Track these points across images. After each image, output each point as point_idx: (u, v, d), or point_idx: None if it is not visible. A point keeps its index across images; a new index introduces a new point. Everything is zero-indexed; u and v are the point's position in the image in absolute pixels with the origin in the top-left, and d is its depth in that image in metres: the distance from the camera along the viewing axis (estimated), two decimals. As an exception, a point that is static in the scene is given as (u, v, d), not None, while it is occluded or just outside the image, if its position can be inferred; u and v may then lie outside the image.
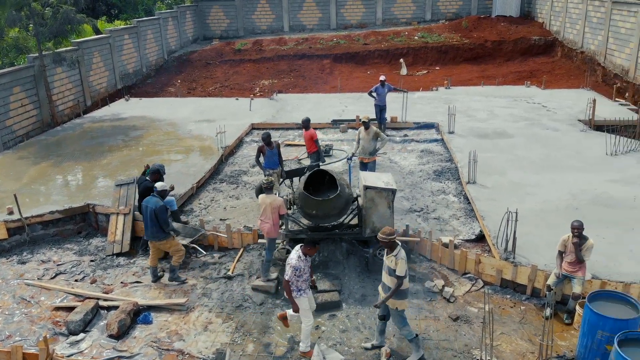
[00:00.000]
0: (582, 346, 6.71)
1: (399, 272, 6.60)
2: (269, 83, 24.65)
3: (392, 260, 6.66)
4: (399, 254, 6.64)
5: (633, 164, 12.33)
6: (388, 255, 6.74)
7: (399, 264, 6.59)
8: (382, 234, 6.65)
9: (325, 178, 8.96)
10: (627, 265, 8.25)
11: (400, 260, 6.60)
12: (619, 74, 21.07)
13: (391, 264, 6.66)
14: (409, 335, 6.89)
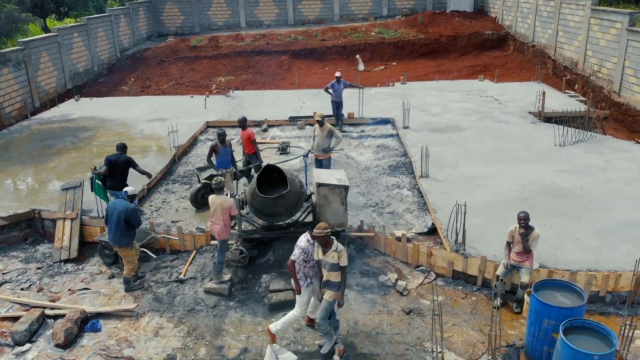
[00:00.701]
0: (530, 335, 6.87)
1: (343, 263, 6.66)
2: (226, 80, 24.32)
3: (333, 255, 6.63)
4: (338, 247, 6.66)
5: (580, 154, 12.73)
6: (327, 252, 6.67)
7: (342, 255, 6.63)
8: (317, 229, 6.57)
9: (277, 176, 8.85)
10: (573, 254, 8.49)
11: (342, 252, 6.65)
12: (568, 66, 21.76)
13: (333, 259, 6.63)
14: (323, 330, 6.91)
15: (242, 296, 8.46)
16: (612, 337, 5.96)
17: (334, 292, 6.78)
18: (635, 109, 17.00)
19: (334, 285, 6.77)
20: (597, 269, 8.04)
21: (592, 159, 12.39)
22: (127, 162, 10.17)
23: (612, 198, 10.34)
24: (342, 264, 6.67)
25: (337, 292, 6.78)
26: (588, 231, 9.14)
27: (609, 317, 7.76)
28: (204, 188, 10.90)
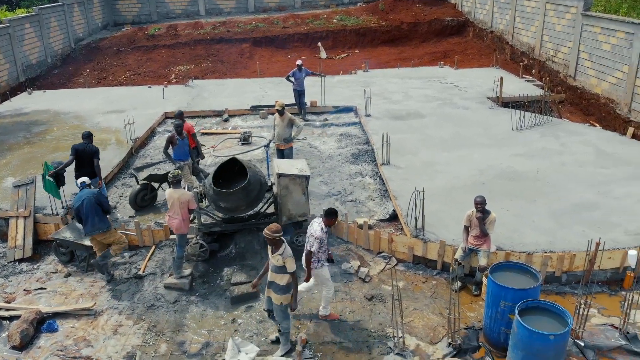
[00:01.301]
0: (488, 317, 7.00)
1: (290, 269, 6.48)
2: (185, 69, 23.82)
3: (278, 259, 6.46)
4: (285, 252, 6.46)
5: (536, 138, 13.04)
6: (274, 253, 6.53)
7: (287, 262, 6.44)
8: (268, 230, 6.40)
9: (237, 167, 8.73)
10: (529, 236, 8.71)
11: (288, 258, 6.45)
12: (525, 51, 22.19)
13: (278, 262, 6.48)
14: (285, 329, 6.81)
15: (204, 290, 8.35)
16: (567, 316, 6.14)
17: (280, 295, 6.60)
18: (590, 93, 17.49)
19: (279, 288, 6.59)
20: (553, 250, 8.27)
21: (548, 143, 12.71)
22: (94, 152, 9.96)
23: (567, 180, 10.64)
24: (289, 270, 6.48)
25: (283, 296, 6.61)
26: (543, 213, 9.39)
27: (564, 296, 8.01)
28: (144, 189, 10.44)
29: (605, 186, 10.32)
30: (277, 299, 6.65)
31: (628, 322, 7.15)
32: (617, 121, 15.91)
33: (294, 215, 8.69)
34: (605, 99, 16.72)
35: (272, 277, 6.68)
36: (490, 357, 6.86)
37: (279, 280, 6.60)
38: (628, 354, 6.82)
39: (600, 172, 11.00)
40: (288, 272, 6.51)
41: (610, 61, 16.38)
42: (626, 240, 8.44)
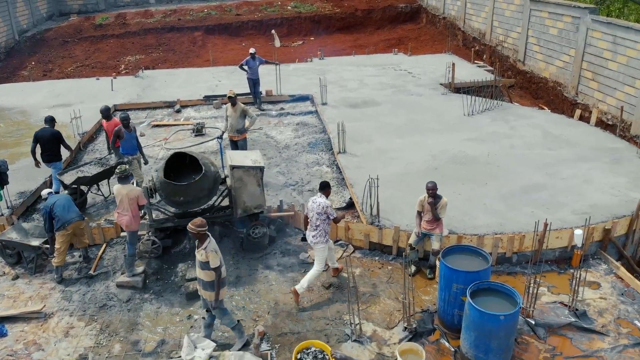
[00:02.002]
0: (442, 299, 7.15)
1: (213, 265, 6.29)
2: (135, 59, 23.12)
3: (202, 253, 6.30)
4: (208, 246, 6.29)
5: (487, 123, 13.33)
6: (198, 248, 6.37)
7: (210, 256, 6.26)
8: (192, 224, 6.24)
9: (189, 160, 8.53)
10: (481, 219, 8.92)
11: (211, 253, 6.27)
12: (477, 37, 22.62)
13: (202, 258, 6.31)
14: (230, 324, 6.72)
15: (158, 287, 8.17)
16: (516, 296, 6.32)
17: (209, 292, 6.45)
18: (539, 76, 18.02)
19: (206, 284, 6.45)
20: (503, 232, 8.50)
21: (498, 127, 13.02)
22: (54, 136, 10.25)
23: (516, 163, 10.94)
24: (212, 266, 6.29)
25: (209, 293, 6.46)
26: (494, 196, 9.63)
27: (515, 276, 8.26)
28: (73, 194, 9.74)
29: (552, 168, 10.67)
30: (210, 295, 6.49)
31: (577, 300, 7.42)
32: (565, 104, 16.47)
33: (249, 208, 8.59)
34: (553, 82, 17.26)
35: (198, 274, 6.51)
36: (445, 339, 7.01)
37: (205, 276, 6.41)
38: (577, 330, 7.08)
39: (547, 154, 11.36)
40: (211, 267, 6.32)
41: (557, 45, 16.89)
42: (573, 219, 8.75)
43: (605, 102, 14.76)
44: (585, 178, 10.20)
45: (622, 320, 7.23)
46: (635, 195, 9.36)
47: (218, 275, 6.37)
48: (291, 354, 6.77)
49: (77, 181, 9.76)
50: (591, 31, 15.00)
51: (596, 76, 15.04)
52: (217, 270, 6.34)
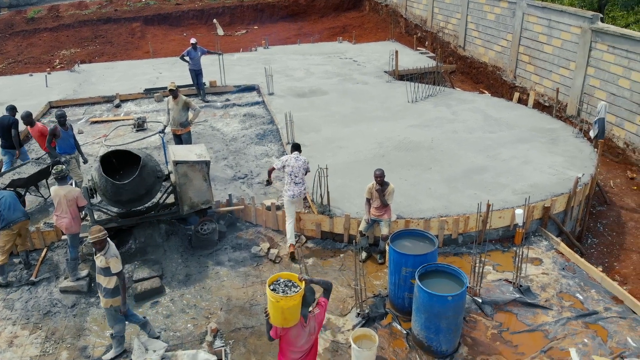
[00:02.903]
0: (392, 283, 7.29)
1: (115, 270, 6.17)
2: (71, 53, 22.09)
3: (101, 259, 6.16)
4: (108, 252, 6.17)
5: (430, 109, 13.61)
6: (97, 254, 6.23)
7: (111, 262, 6.14)
8: (91, 234, 6.10)
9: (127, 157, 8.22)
10: (426, 203, 9.13)
11: (112, 259, 6.15)
12: (418, 24, 22.97)
13: (102, 264, 6.16)
14: (118, 333, 6.59)
15: (105, 290, 7.90)
16: (463, 277, 6.53)
17: (108, 299, 6.33)
18: (479, 61, 18.55)
19: (107, 291, 6.31)
20: (448, 214, 8.74)
21: (441, 112, 13.32)
22: (11, 123, 10.27)
23: (459, 147, 11.24)
24: (113, 271, 6.16)
25: (112, 299, 6.33)
26: (438, 180, 9.87)
27: (462, 256, 8.52)
28: None
29: (493, 150, 11.04)
30: (106, 302, 6.35)
31: (520, 276, 7.75)
32: (504, 87, 17.06)
33: (196, 204, 8.42)
34: (492, 66, 17.81)
35: (99, 280, 6.34)
36: (397, 322, 7.16)
37: (106, 283, 6.26)
38: (522, 305, 7.39)
39: (488, 136, 11.74)
40: (113, 273, 6.18)
41: (495, 30, 17.42)
42: (514, 199, 9.10)
43: (542, 84, 15.39)
44: (525, 159, 10.62)
45: (564, 294, 7.60)
46: (571, 174, 9.83)
47: (122, 280, 6.24)
48: (245, 348, 6.75)
49: (11, 184, 9.20)
50: (527, 16, 15.56)
51: (533, 60, 15.64)
52: (120, 275, 6.22)
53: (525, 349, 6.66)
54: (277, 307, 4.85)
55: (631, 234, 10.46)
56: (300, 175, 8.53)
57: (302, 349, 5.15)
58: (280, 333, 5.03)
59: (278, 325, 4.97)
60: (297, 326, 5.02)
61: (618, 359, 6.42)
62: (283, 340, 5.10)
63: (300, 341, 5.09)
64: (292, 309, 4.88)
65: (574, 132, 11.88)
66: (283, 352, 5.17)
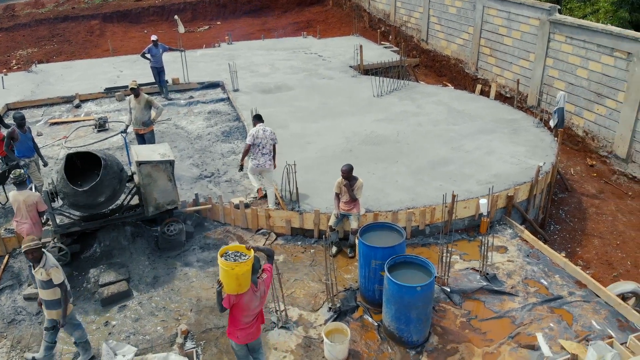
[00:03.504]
0: (362, 276, 7.34)
1: (57, 281, 5.90)
2: (28, 53, 21.34)
3: (41, 272, 5.88)
4: (47, 263, 5.91)
5: (395, 102, 13.73)
6: (35, 268, 5.97)
7: (52, 273, 5.86)
8: (23, 244, 5.88)
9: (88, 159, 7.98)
10: (394, 195, 9.22)
11: (52, 269, 5.88)
12: (382, 18, 23.14)
13: (42, 277, 5.89)
14: (80, 339, 6.41)
15: (70, 296, 7.69)
16: (431, 267, 6.62)
17: (55, 310, 6.11)
18: (442, 55, 18.82)
19: (49, 303, 6.08)
20: (415, 206, 8.84)
21: (406, 106, 13.45)
22: None
23: (424, 140, 11.38)
24: (56, 282, 5.89)
25: (59, 310, 6.10)
26: (405, 173, 9.98)
27: (430, 247, 8.64)
28: None
29: (457, 142, 11.22)
30: (57, 314, 6.14)
31: (487, 264, 7.92)
32: (466, 80, 17.37)
33: (161, 205, 8.26)
34: (455, 59, 18.10)
35: (42, 295, 6.07)
36: (368, 314, 7.22)
37: (50, 295, 6.02)
38: (489, 293, 7.55)
39: (452, 128, 11.93)
40: (55, 284, 5.92)
41: (457, 24, 17.69)
42: (478, 189, 9.27)
43: (503, 76, 15.74)
44: (488, 149, 10.83)
45: (530, 280, 7.80)
46: (533, 163, 10.08)
47: (64, 291, 6.01)
48: (217, 349, 6.69)
49: None
50: (487, 9, 15.86)
51: (494, 52, 15.96)
52: (62, 286, 5.99)
53: (493, 335, 6.81)
54: (231, 274, 5.17)
55: (592, 220, 10.83)
56: (268, 147, 8.92)
57: (254, 312, 5.56)
58: (233, 302, 5.34)
59: (233, 292, 5.28)
60: (249, 292, 5.38)
61: (583, 342, 6.62)
62: (235, 308, 5.42)
63: (253, 305, 5.47)
64: (246, 274, 5.25)
65: (534, 122, 12.19)
66: (235, 319, 5.51)
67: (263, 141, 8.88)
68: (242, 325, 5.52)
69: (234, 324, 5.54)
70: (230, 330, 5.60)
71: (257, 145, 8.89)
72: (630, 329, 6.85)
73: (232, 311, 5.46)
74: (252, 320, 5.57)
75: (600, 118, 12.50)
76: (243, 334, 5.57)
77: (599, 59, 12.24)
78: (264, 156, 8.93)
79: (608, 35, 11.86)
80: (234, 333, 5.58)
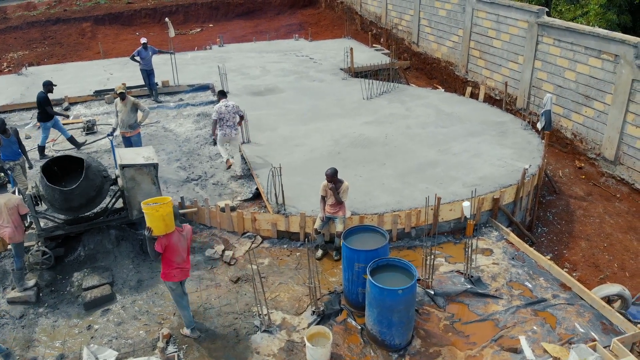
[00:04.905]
0: (346, 280, 7.32)
1: None
2: (19, 56, 21.27)
3: None
4: None
5: (384, 105, 13.74)
6: None
7: None
8: None
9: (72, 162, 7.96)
10: (380, 198, 9.21)
11: None
12: (373, 21, 23.18)
13: None
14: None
15: (53, 300, 7.64)
16: (413, 270, 6.62)
17: None
18: (432, 57, 18.87)
19: None
20: (401, 209, 8.84)
21: (395, 108, 13.46)
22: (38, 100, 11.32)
23: (412, 142, 11.39)
24: None
25: None
26: (392, 175, 9.98)
27: (415, 250, 8.62)
28: None
29: (444, 144, 11.24)
30: None
31: (471, 267, 7.92)
32: (457, 82, 17.41)
33: (146, 208, 8.22)
34: (445, 62, 18.15)
35: None
36: (352, 317, 7.20)
37: None
38: (473, 295, 7.54)
39: (440, 131, 11.94)
40: None
41: (447, 26, 17.74)
42: (464, 192, 9.27)
43: (493, 78, 15.78)
44: (475, 152, 10.85)
45: (514, 283, 7.80)
46: (520, 165, 10.10)
47: None
48: (199, 353, 6.66)
49: None
50: (476, 11, 15.91)
51: (483, 54, 16.01)
52: None
53: (476, 338, 6.80)
54: (157, 216, 6.06)
55: (580, 222, 10.86)
56: (232, 120, 10.30)
57: (183, 254, 6.46)
58: (164, 243, 6.21)
59: (162, 232, 6.16)
60: (176, 233, 6.33)
61: (566, 345, 6.63)
62: (167, 251, 6.29)
63: (181, 246, 6.40)
64: (170, 215, 6.13)
65: (522, 124, 12.22)
66: (169, 261, 6.37)
67: (227, 115, 10.24)
68: (176, 264, 6.40)
69: (169, 265, 6.39)
70: (166, 272, 6.43)
71: (222, 120, 10.24)
72: (614, 331, 6.86)
73: (165, 255, 6.32)
74: (183, 262, 6.47)
75: (588, 120, 12.55)
76: (179, 272, 6.46)
77: (586, 61, 12.30)
78: (229, 127, 10.32)
79: (595, 37, 11.91)
80: (171, 273, 6.43)
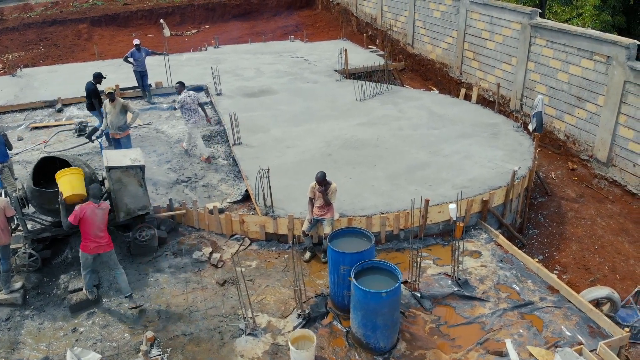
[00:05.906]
0: (332, 282, 7.29)
1: None
2: (15, 57, 21.29)
3: None
4: None
5: (377, 107, 13.72)
6: None
7: None
8: None
9: (60, 164, 7.95)
10: (369, 200, 9.19)
11: None
12: (369, 22, 23.17)
13: None
14: None
15: (39, 302, 7.63)
16: (397, 272, 6.59)
17: None
18: (427, 59, 18.84)
19: None
20: (390, 211, 8.81)
21: (387, 110, 13.44)
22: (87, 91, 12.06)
23: (403, 144, 11.37)
24: None
25: None
26: (382, 177, 9.95)
27: (404, 252, 8.58)
28: None
29: (435, 146, 11.21)
30: None
31: (459, 269, 7.88)
32: (451, 83, 17.38)
33: (132, 210, 8.21)
34: (439, 63, 18.12)
35: None
36: (337, 320, 7.18)
37: None
38: (460, 298, 7.50)
39: (432, 133, 11.92)
40: None
41: (441, 28, 17.72)
42: (454, 194, 9.19)
43: (486, 80, 15.76)
44: (466, 154, 10.82)
45: (502, 286, 7.77)
46: (510, 167, 10.06)
47: None
48: (183, 356, 6.64)
49: None
50: (470, 13, 15.89)
51: (477, 56, 15.99)
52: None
53: (462, 341, 6.78)
54: (63, 181, 6.68)
55: (571, 224, 10.83)
56: (195, 108, 11.09)
57: (101, 227, 6.91)
58: (79, 216, 6.65)
59: (70, 192, 6.83)
60: (91, 207, 6.76)
61: (552, 348, 6.60)
62: (83, 223, 6.74)
63: (97, 219, 6.83)
64: (76, 178, 6.75)
65: (514, 126, 12.19)
66: (87, 233, 6.81)
67: (192, 105, 11.01)
68: (92, 237, 6.83)
69: (86, 238, 6.84)
70: (84, 244, 6.88)
71: (187, 109, 10.96)
72: (601, 335, 6.83)
73: (81, 227, 6.75)
74: (101, 235, 6.92)
75: (581, 122, 12.52)
76: (94, 245, 6.90)
77: (579, 62, 12.27)
78: (196, 114, 11.14)
79: (587, 39, 11.89)
80: (88, 246, 6.87)
